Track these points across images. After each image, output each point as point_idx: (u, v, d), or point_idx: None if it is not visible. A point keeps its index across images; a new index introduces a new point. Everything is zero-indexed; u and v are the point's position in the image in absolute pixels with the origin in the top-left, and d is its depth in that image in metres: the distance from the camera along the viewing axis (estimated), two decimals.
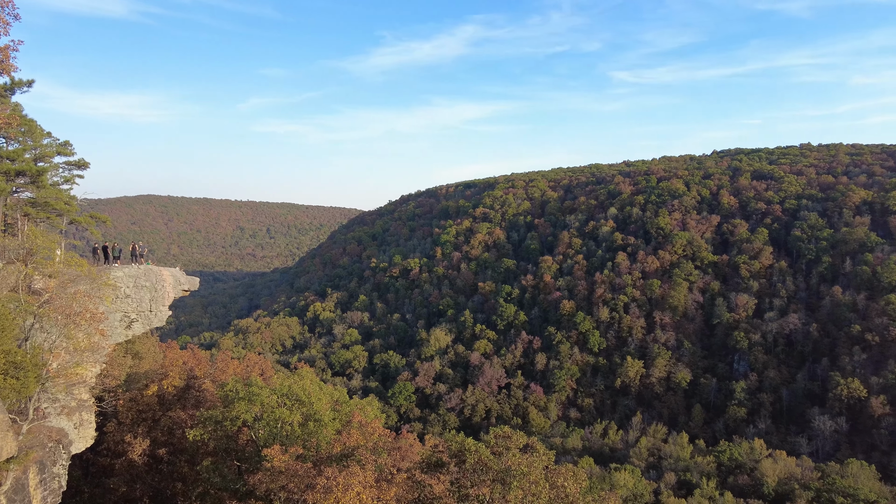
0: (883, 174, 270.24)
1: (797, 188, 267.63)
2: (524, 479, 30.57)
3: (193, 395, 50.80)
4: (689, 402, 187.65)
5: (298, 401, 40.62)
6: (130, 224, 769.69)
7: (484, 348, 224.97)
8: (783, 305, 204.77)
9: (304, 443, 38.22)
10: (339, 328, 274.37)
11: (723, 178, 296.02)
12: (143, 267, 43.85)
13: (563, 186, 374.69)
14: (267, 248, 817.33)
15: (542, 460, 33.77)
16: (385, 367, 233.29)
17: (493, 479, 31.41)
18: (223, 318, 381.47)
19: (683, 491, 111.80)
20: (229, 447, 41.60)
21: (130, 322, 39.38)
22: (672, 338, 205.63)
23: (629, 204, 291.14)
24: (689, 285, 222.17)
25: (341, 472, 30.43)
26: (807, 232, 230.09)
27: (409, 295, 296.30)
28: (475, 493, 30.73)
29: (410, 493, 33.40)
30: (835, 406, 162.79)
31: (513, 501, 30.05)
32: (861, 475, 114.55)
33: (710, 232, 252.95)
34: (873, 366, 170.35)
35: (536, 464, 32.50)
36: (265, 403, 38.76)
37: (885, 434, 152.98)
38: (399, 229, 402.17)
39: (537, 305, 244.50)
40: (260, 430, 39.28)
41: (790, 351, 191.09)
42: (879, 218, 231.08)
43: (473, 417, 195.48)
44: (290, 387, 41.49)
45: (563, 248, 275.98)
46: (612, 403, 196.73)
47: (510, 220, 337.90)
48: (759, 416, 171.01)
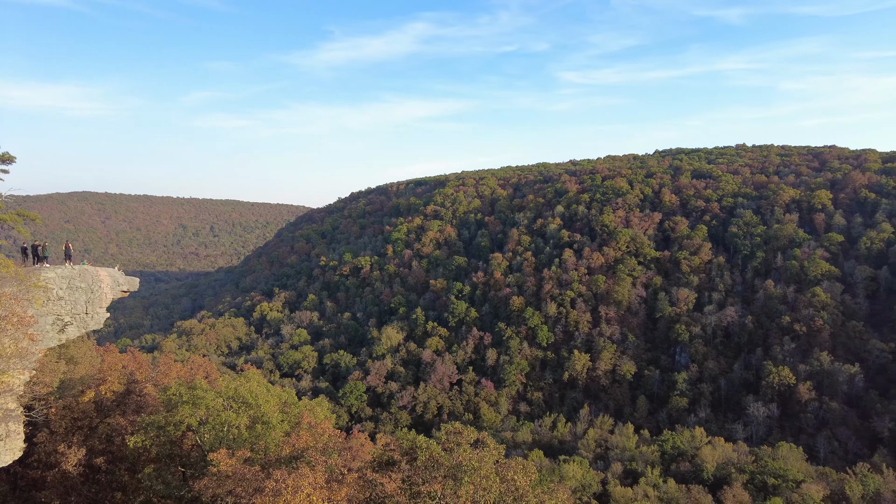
0: (809, 174, 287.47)
1: (733, 187, 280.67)
2: (475, 474, 30.87)
3: (134, 400, 48.69)
4: (634, 393, 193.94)
5: (245, 403, 39.68)
6: (64, 222, 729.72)
7: (436, 345, 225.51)
8: (721, 299, 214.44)
9: (251, 446, 37.39)
10: (288, 328, 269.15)
11: (664, 177, 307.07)
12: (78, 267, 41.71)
13: (512, 185, 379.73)
14: (211, 247, 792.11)
15: (493, 455, 34.18)
16: (335, 367, 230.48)
17: (445, 475, 31.58)
18: (165, 319, 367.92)
19: (629, 480, 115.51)
20: (173, 453, 40.19)
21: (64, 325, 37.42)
22: (617, 331, 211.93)
23: (575, 202, 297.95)
24: (632, 280, 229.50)
25: (290, 474, 29.93)
26: (742, 229, 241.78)
27: (360, 293, 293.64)
28: (427, 490, 30.83)
29: (362, 492, 33.18)
30: (767, 393, 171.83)
31: (464, 497, 30.31)
32: (790, 457, 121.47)
33: (653, 229, 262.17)
34: (801, 354, 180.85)
35: (487, 458, 32.88)
36: (210, 407, 37.68)
37: (811, 417, 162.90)
38: (349, 227, 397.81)
39: (488, 302, 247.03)
40: (205, 434, 38.15)
41: (727, 342, 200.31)
42: (806, 215, 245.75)
43: (425, 415, 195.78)
44: (237, 389, 40.48)
45: (513, 245, 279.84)
46: (560, 397, 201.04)
47: (461, 217, 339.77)
48: (699, 406, 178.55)
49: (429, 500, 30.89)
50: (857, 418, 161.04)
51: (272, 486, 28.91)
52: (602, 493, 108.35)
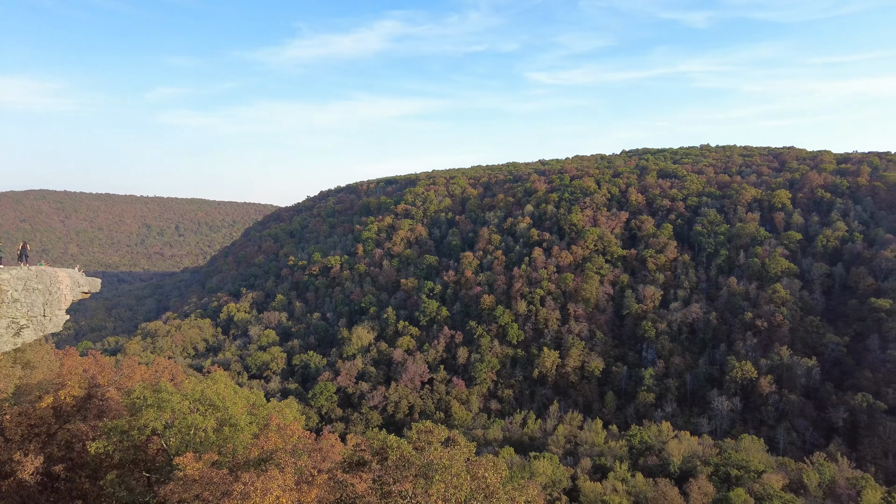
0: (769, 174, 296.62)
1: (698, 186, 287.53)
2: (446, 472, 30.99)
3: (96, 404, 47.29)
4: (603, 389, 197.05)
5: (212, 406, 38.99)
6: (20, 222, 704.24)
7: (407, 345, 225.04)
8: (686, 296, 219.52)
9: (219, 449, 36.77)
10: (256, 329, 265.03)
11: (631, 177, 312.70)
12: (35, 268, 40.33)
13: (482, 184, 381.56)
14: (176, 247, 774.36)
15: (464, 453, 34.36)
16: (305, 368, 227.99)
17: (416, 474, 31.63)
18: (129, 321, 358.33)
19: (598, 475, 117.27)
20: (137, 458, 39.23)
21: (19, 329, 36.15)
22: (585, 328, 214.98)
23: (544, 201, 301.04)
24: (600, 278, 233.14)
25: (259, 476, 29.57)
26: (707, 227, 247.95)
27: (329, 293, 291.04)
28: (398, 490, 30.83)
29: (332, 493, 33.00)
30: (731, 387, 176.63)
31: (435, 495, 30.41)
32: (752, 448, 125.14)
33: (620, 228, 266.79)
34: (762, 349, 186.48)
35: (458, 457, 33.04)
36: (176, 410, 36.91)
37: (772, 410, 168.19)
38: (318, 226, 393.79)
39: (459, 300, 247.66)
40: (171, 437, 37.36)
41: (693, 338, 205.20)
42: (767, 214, 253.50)
43: (397, 414, 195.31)
44: (204, 391, 39.74)
45: (483, 244, 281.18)
46: (530, 393, 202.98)
47: (432, 216, 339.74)
48: (665, 401, 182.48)
49: (400, 500, 30.89)
50: (814, 409, 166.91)
51: (240, 489, 28.52)
52: (572, 488, 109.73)
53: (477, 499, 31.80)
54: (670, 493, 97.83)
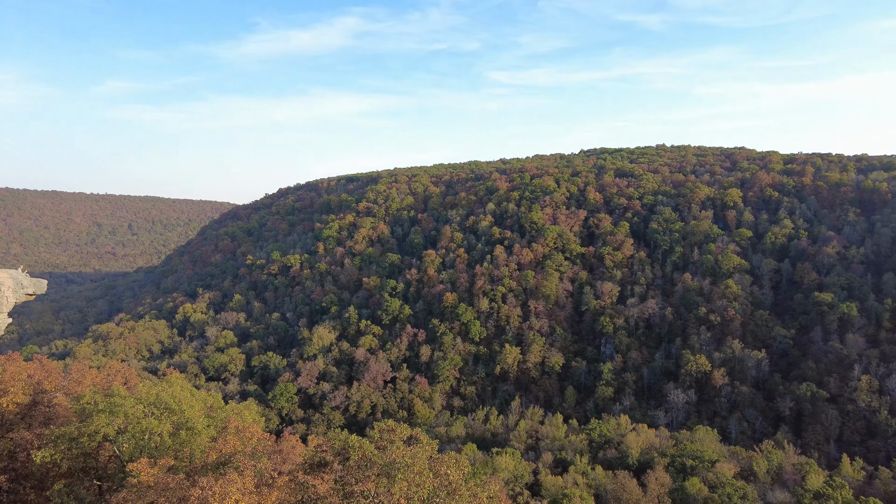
0: (722, 174, 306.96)
1: (654, 185, 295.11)
2: (408, 470, 30.98)
3: (41, 411, 45.40)
4: (563, 384, 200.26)
5: (168, 409, 37.96)
6: None
7: (369, 344, 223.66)
8: (643, 292, 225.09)
9: (175, 453, 35.85)
10: (213, 330, 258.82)
11: (589, 176, 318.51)
12: None
13: (444, 182, 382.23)
14: (129, 246, 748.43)
15: (426, 451, 34.42)
16: (265, 369, 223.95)
17: (378, 473, 31.51)
18: (79, 323, 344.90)
19: (560, 469, 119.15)
20: (87, 466, 37.85)
21: None
22: (546, 325, 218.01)
23: (506, 200, 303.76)
24: (559, 275, 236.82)
25: (218, 480, 28.96)
26: (662, 225, 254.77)
27: (289, 293, 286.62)
28: (360, 489, 30.65)
29: (293, 495, 32.59)
30: (686, 380, 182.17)
31: (397, 494, 30.37)
32: (706, 439, 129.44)
33: (578, 225, 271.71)
34: (716, 343, 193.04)
35: (420, 455, 33.08)
36: (130, 414, 35.77)
37: (725, 401, 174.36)
38: (277, 224, 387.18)
39: (422, 299, 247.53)
40: (124, 443, 36.19)
41: (649, 333, 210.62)
42: (720, 212, 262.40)
43: (359, 414, 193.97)
44: (159, 395, 38.65)
45: (446, 242, 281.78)
46: (492, 390, 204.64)
47: (394, 214, 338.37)
48: (624, 394, 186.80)
49: (362, 500, 30.73)
50: (764, 400, 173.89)
51: (198, 494, 27.89)
52: (534, 482, 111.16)
53: (439, 496, 31.92)
54: (629, 485, 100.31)
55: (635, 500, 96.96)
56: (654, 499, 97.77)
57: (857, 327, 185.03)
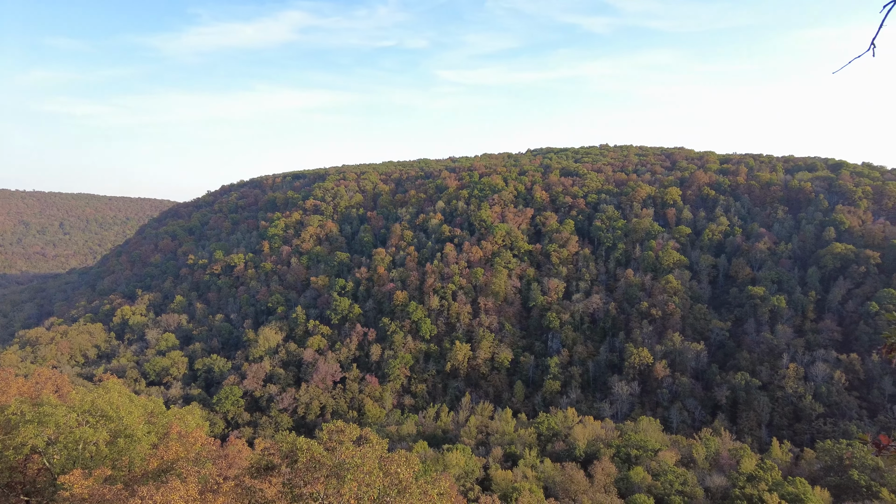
0: (662, 173, 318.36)
1: (597, 184, 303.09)
2: (358, 470, 30.77)
3: None
4: (512, 379, 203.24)
5: (105, 417, 36.29)
6: None
7: (318, 344, 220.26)
8: (587, 287, 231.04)
9: (113, 463, 34.30)
10: (154, 333, 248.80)
11: (536, 175, 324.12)
12: None
13: (394, 180, 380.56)
14: (61, 246, 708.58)
15: (376, 450, 34.26)
16: (208, 373, 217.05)
17: (327, 474, 31.15)
18: (4, 329, 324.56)
19: (509, 463, 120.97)
20: (14, 481, 35.71)
21: None
22: (495, 321, 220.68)
23: (455, 198, 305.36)
24: (508, 272, 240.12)
25: (159, 489, 27.92)
26: (605, 223, 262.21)
27: (233, 293, 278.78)
28: (309, 491, 30.23)
29: (240, 500, 31.78)
30: (629, 373, 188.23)
31: (347, 494, 30.12)
32: (649, 429, 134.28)
33: (526, 223, 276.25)
34: (657, 336, 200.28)
35: (370, 454, 32.91)
36: (61, 424, 33.98)
37: (666, 392, 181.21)
38: (220, 222, 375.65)
39: (372, 297, 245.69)
40: (55, 455, 34.36)
41: (594, 327, 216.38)
42: (660, 210, 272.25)
43: (308, 416, 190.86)
44: (94, 402, 36.88)
45: (396, 240, 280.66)
46: (443, 387, 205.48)
47: (343, 212, 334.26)
48: (570, 387, 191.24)
49: (311, 502, 30.32)
50: (702, 389, 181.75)
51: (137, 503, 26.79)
52: (484, 477, 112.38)
53: (390, 495, 31.85)
54: (576, 476, 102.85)
55: (583, 490, 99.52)
56: (600, 489, 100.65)
57: (786, 318, 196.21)
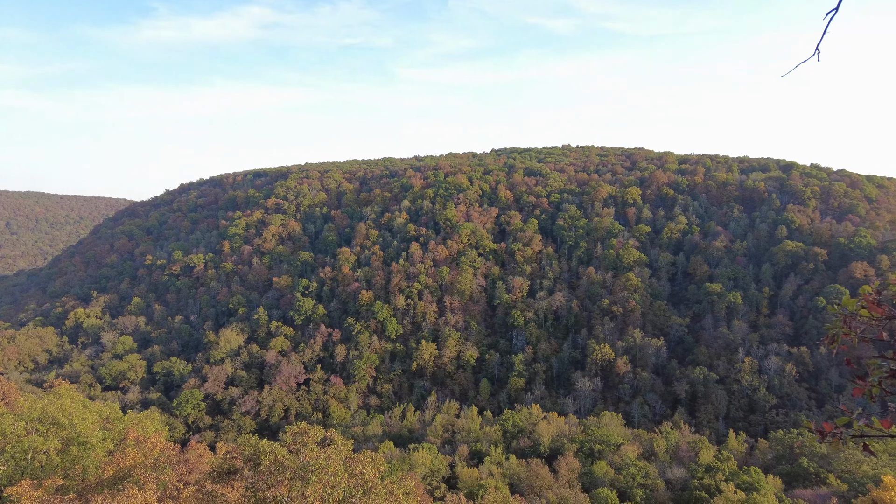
0: (623, 173, 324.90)
1: (560, 184, 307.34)
2: (323, 472, 30.46)
3: None
4: (477, 377, 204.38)
5: (56, 424, 34.94)
6: None
7: (281, 346, 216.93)
8: (551, 285, 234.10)
9: (65, 472, 33.07)
10: (109, 336, 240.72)
11: (500, 175, 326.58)
12: None
13: (358, 178, 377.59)
14: (8, 247, 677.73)
15: (341, 451, 33.99)
16: (168, 376, 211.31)
17: (291, 477, 30.74)
18: None
19: (475, 460, 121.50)
20: None
21: None
22: (461, 320, 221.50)
23: (421, 197, 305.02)
24: (473, 271, 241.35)
25: (115, 497, 27.06)
26: (568, 222, 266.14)
27: (193, 294, 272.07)
28: (273, 494, 29.77)
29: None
30: (592, 369, 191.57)
31: (312, 496, 29.78)
32: (612, 424, 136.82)
33: (491, 223, 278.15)
34: (618, 332, 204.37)
35: (335, 456, 32.61)
36: (8, 433, 32.56)
37: (628, 387, 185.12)
38: (179, 222, 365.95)
39: (336, 297, 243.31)
40: (1, 465, 32.89)
41: (557, 324, 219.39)
42: (621, 209, 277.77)
43: (271, 418, 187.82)
44: (45, 409, 35.47)
45: (361, 239, 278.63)
46: (409, 386, 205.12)
47: (306, 211, 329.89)
48: (535, 384, 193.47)
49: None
50: (662, 384, 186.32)
51: None
52: (451, 476, 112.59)
53: (355, 496, 31.64)
54: (541, 472, 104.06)
55: (547, 486, 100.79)
56: (565, 483, 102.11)
57: (741, 314, 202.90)
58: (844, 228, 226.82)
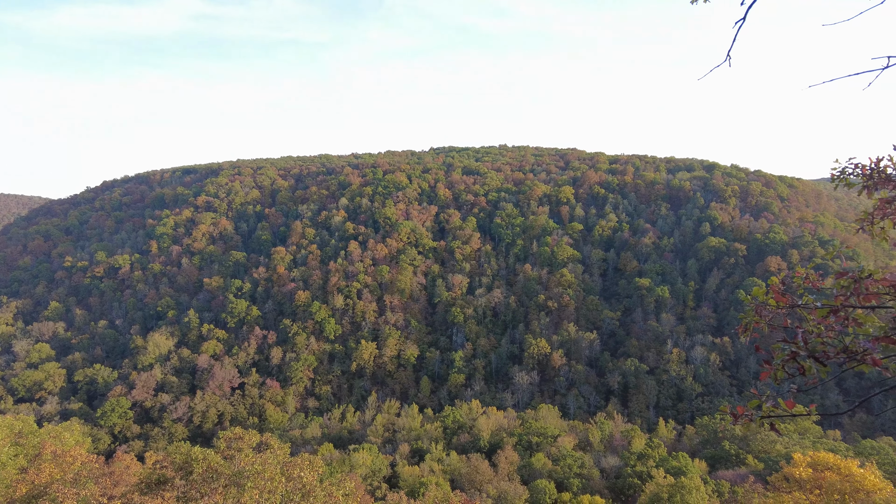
0: (557, 172, 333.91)
1: (497, 183, 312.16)
2: (258, 477, 29.70)
3: None
4: (418, 375, 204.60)
5: None
6: None
7: (213, 349, 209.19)
8: (489, 282, 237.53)
9: None
10: (23, 344, 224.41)
11: (439, 173, 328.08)
12: None
13: (294, 175, 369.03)
14: None
15: (278, 455, 33.26)
16: (91, 384, 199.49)
17: (226, 484, 29.80)
18: None
19: (416, 458, 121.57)
20: None
21: None
22: (401, 318, 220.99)
23: (359, 195, 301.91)
24: (413, 269, 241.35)
25: None
26: (505, 220, 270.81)
27: (118, 297, 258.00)
28: (206, 503, 28.76)
29: None
30: (529, 363, 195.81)
31: (248, 502, 28.99)
32: (548, 416, 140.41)
33: (430, 221, 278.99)
34: (554, 327, 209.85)
35: (272, 460, 31.87)
36: None
37: (563, 380, 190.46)
38: (102, 221, 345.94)
39: (271, 298, 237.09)
40: None
41: (496, 321, 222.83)
42: (555, 208, 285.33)
43: (205, 424, 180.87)
44: None
45: (297, 238, 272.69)
46: (349, 387, 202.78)
47: (238, 209, 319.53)
48: (474, 380, 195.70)
49: None
50: (596, 376, 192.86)
51: None
52: (392, 475, 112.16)
53: (293, 500, 31.05)
54: (481, 467, 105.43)
55: (488, 480, 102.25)
56: (504, 477, 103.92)
57: (669, 307, 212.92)
58: (761, 225, 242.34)
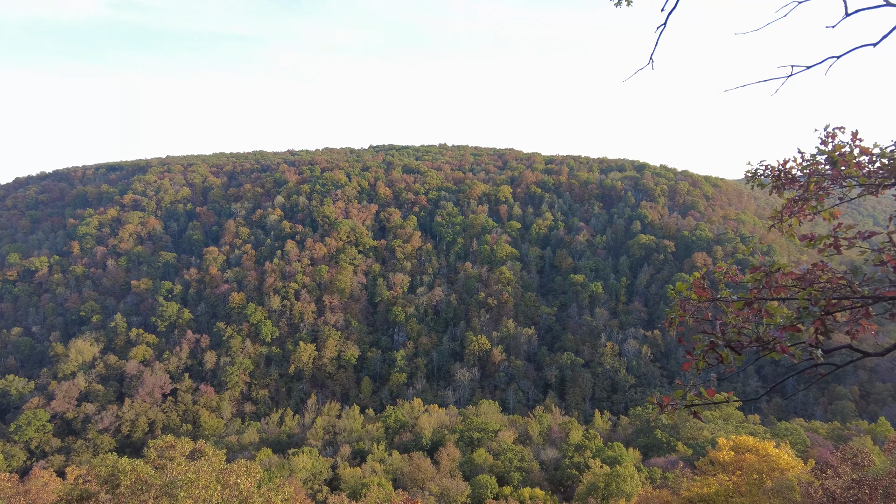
0: (495, 172, 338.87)
1: (437, 182, 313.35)
2: (192, 486, 28.65)
3: None
4: (359, 376, 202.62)
5: None
6: None
7: (143, 355, 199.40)
8: (430, 281, 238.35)
9: None
10: None
11: (379, 171, 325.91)
12: None
13: (226, 173, 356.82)
14: None
15: (213, 463, 32.18)
16: (4, 397, 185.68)
17: (157, 495, 28.57)
18: None
19: (358, 460, 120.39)
20: None
21: None
22: (341, 319, 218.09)
23: (296, 193, 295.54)
24: (353, 269, 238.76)
25: None
26: (445, 218, 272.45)
27: (35, 302, 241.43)
28: None
29: None
30: (470, 359, 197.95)
31: None
32: (489, 412, 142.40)
33: (370, 219, 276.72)
34: (494, 323, 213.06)
35: (206, 468, 30.79)
36: None
37: (503, 375, 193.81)
38: (15, 220, 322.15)
39: (204, 300, 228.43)
40: None
41: (437, 318, 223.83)
42: (494, 207, 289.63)
43: (134, 434, 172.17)
44: None
45: (230, 237, 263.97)
46: (287, 390, 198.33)
47: (167, 208, 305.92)
48: (416, 378, 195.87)
49: None
50: (535, 371, 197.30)
51: None
52: (333, 477, 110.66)
53: None
54: (423, 465, 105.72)
55: (430, 478, 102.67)
56: (446, 474, 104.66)
57: (603, 302, 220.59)
58: (688, 223, 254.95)
